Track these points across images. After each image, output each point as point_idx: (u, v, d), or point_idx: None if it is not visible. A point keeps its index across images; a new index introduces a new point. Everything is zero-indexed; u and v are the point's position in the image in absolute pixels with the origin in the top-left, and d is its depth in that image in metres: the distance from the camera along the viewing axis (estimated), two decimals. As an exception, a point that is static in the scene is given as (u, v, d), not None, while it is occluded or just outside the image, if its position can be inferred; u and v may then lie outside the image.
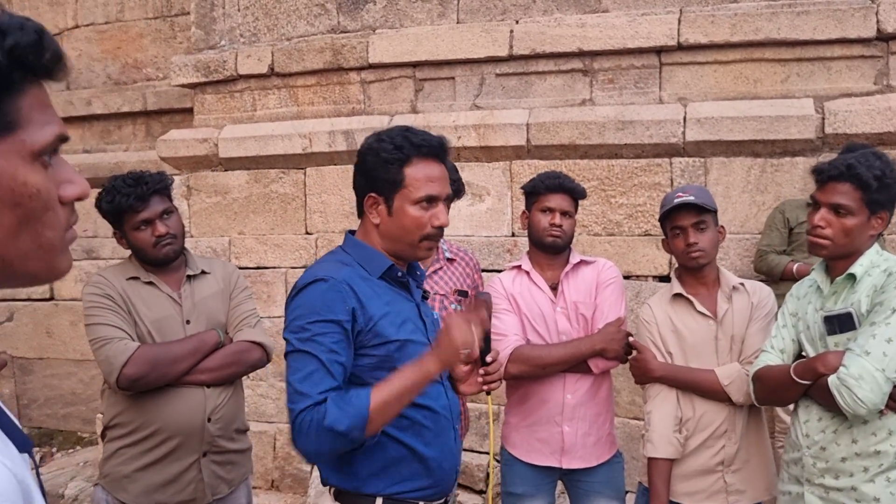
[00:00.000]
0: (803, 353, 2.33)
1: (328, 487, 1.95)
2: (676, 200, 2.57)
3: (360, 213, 1.97)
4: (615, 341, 2.76)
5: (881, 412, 2.08)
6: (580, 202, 2.98)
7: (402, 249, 1.91)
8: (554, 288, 2.89)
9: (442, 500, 1.99)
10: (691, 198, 2.55)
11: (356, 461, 1.86)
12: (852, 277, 2.21)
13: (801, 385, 2.20)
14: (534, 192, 2.92)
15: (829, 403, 2.13)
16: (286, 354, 1.79)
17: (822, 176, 2.24)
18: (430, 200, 1.87)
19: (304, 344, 1.75)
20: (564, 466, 2.83)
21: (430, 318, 2.03)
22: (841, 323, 2.19)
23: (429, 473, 1.90)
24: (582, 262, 2.93)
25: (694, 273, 2.65)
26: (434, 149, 1.89)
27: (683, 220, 2.58)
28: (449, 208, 1.97)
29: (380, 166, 1.86)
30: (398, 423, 1.84)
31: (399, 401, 1.74)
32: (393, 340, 1.83)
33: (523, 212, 2.99)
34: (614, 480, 2.90)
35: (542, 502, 2.92)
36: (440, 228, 1.90)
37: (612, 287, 2.87)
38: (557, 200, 2.84)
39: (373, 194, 1.89)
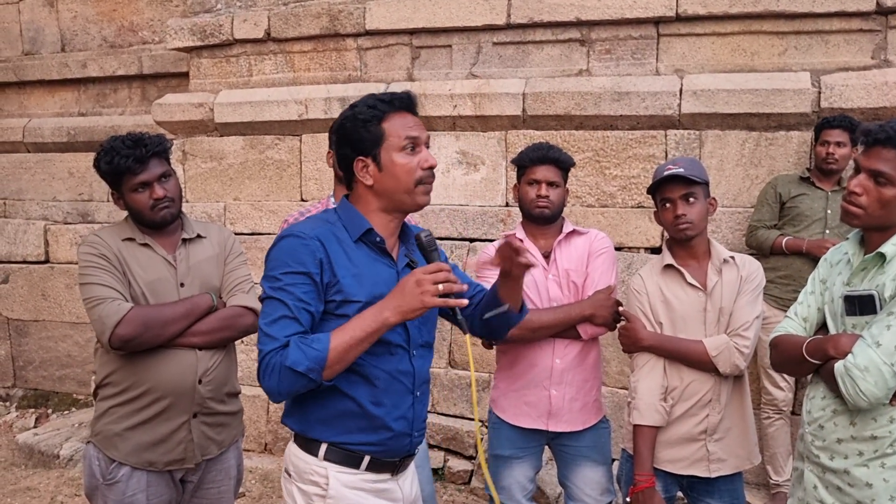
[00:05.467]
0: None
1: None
2: (666, 172, 2.58)
3: (349, 185, 2.05)
4: (604, 308, 2.80)
5: (890, 402, 1.98)
6: (574, 173, 2.98)
7: (402, 201, 1.97)
8: (546, 256, 2.93)
9: (396, 460, 2.04)
10: (680, 170, 2.56)
11: (307, 406, 1.96)
12: (882, 257, 2.06)
13: (811, 363, 2.12)
14: (521, 164, 2.98)
15: (833, 386, 2.05)
16: (261, 301, 1.92)
17: (868, 139, 2.07)
18: (414, 144, 1.95)
19: (274, 292, 1.86)
20: (551, 429, 2.88)
21: None
22: (862, 305, 2.06)
23: (375, 432, 1.96)
24: (575, 232, 2.96)
25: (684, 245, 2.67)
26: (404, 101, 1.98)
27: (672, 191, 2.59)
28: None
29: (360, 128, 1.95)
30: (351, 379, 1.92)
31: (357, 346, 1.82)
32: (355, 301, 1.89)
33: (514, 185, 3.04)
34: (601, 446, 2.95)
35: (528, 465, 2.97)
36: (430, 169, 1.97)
37: (604, 257, 2.90)
38: (543, 172, 2.88)
39: (361, 157, 1.96)
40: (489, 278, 2.85)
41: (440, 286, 1.81)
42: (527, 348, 2.87)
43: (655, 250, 4.41)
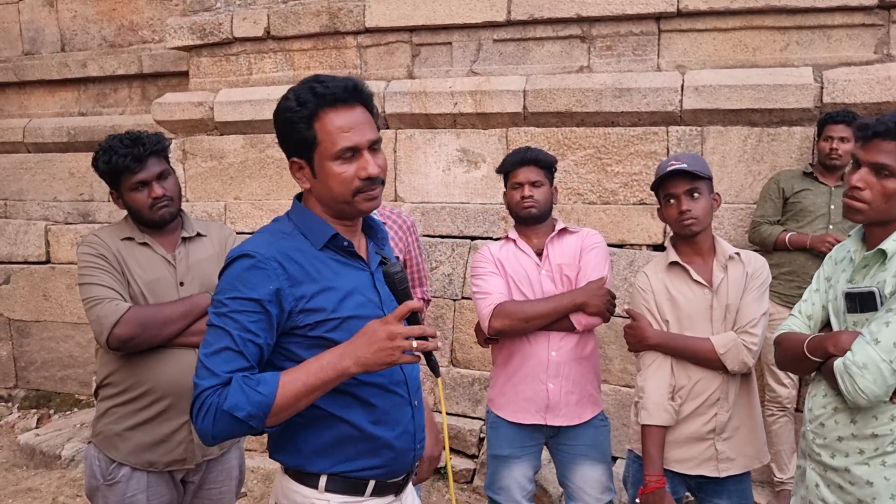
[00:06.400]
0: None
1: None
2: (669, 168, 2.56)
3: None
4: (597, 296, 2.81)
5: (891, 399, 1.97)
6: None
7: (342, 209, 1.75)
8: (539, 254, 2.96)
9: (399, 478, 1.88)
10: (684, 165, 2.54)
11: (299, 438, 1.75)
12: (883, 253, 2.05)
13: (813, 360, 2.11)
14: (503, 171, 3.04)
15: (833, 384, 2.05)
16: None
17: (867, 132, 2.04)
18: (352, 151, 1.68)
19: (219, 319, 1.63)
20: (549, 423, 2.88)
21: None
22: (862, 301, 2.04)
23: (378, 454, 1.78)
24: (566, 231, 3.00)
25: (689, 241, 2.64)
26: (339, 95, 1.68)
27: (676, 187, 2.57)
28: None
29: (290, 128, 1.71)
30: (343, 401, 1.72)
31: (310, 395, 1.62)
32: (330, 318, 1.68)
33: (504, 192, 3.08)
34: (600, 444, 2.94)
35: (527, 465, 2.97)
36: (371, 179, 1.70)
37: (597, 251, 2.93)
38: (524, 173, 2.94)
39: (295, 159, 1.74)
40: (485, 276, 2.92)
41: (414, 343, 1.59)
42: (522, 342, 2.89)
43: (658, 247, 4.39)
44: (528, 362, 2.88)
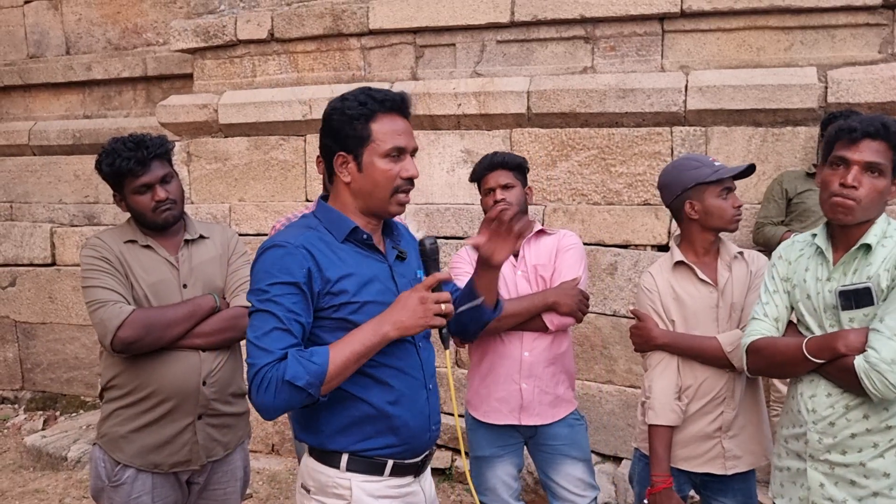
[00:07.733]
0: (795, 321, 2.26)
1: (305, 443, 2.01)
2: (718, 162, 2.61)
3: (329, 177, 2.00)
4: (569, 296, 2.83)
5: None
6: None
7: (375, 205, 1.94)
8: (516, 255, 2.98)
9: (417, 459, 2.02)
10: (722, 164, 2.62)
11: (321, 418, 1.91)
12: (865, 248, 2.09)
13: (813, 362, 2.09)
14: (475, 180, 3.07)
15: (846, 383, 2.04)
16: (248, 315, 1.85)
17: (855, 134, 2.08)
18: (399, 153, 1.91)
19: (263, 304, 1.80)
20: (523, 423, 2.90)
21: (408, 279, 2.04)
22: (858, 298, 2.05)
23: (395, 433, 1.94)
24: (543, 232, 3.03)
25: (699, 241, 2.65)
26: (396, 103, 1.93)
27: (731, 182, 2.60)
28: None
29: (346, 124, 1.90)
30: (362, 382, 1.89)
31: (356, 362, 1.80)
32: (352, 302, 1.86)
33: (480, 200, 3.10)
34: (578, 442, 2.96)
35: (510, 463, 2.99)
36: (410, 180, 1.93)
37: (572, 251, 2.95)
38: (494, 178, 2.97)
39: (342, 153, 1.92)
40: (462, 277, 2.92)
41: (442, 306, 1.82)
42: (496, 342, 2.91)
43: (662, 248, 4.39)
44: (502, 363, 2.90)
